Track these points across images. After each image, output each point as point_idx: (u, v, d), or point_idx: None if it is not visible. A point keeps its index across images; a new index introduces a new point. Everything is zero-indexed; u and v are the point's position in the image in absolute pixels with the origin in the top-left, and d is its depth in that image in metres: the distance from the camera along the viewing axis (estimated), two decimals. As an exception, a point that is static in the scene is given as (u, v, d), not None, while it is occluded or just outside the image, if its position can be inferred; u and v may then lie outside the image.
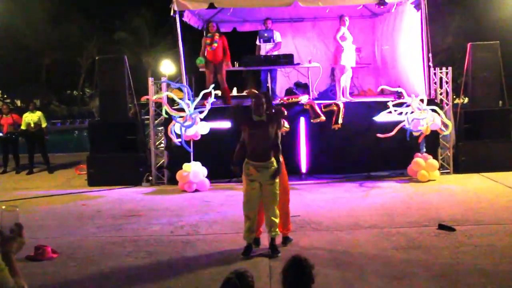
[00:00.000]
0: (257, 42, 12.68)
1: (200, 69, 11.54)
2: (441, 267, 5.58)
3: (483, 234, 6.66)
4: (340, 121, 10.62)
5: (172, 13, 10.79)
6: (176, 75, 12.14)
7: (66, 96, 49.36)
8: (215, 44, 10.98)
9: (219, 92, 11.59)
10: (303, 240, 6.77)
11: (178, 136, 10.10)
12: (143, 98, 10.74)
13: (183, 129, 9.89)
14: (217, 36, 11.06)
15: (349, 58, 11.24)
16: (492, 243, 6.35)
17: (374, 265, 5.73)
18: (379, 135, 10.19)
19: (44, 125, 13.17)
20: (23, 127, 13.00)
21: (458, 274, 5.41)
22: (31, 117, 13.01)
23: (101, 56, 11.97)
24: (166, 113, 10.35)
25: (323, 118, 10.61)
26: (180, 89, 10.51)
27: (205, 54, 11.11)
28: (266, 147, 6.04)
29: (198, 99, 10.24)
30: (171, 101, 10.78)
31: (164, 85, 10.83)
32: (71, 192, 10.49)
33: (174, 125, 10.08)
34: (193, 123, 9.92)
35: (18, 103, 42.72)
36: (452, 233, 6.69)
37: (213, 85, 11.01)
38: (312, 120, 10.62)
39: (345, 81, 11.30)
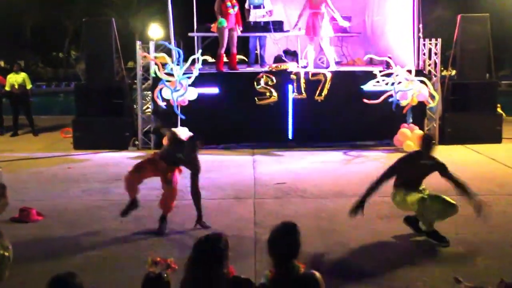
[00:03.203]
0: (246, 6, 12.48)
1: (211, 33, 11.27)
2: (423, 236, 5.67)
3: (465, 205, 6.75)
4: (324, 92, 10.61)
5: (161, -25, 10.60)
6: (164, 40, 11.98)
7: (51, 58, 48.62)
8: (236, 8, 10.78)
9: (208, 58, 11.49)
10: (288, 208, 6.83)
11: (164, 100, 10.07)
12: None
13: (174, 96, 9.84)
14: (234, 0, 10.84)
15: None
16: (473, 213, 6.45)
17: (357, 233, 5.81)
18: (365, 100, 10.25)
19: (28, 86, 13.02)
20: (7, 88, 12.83)
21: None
22: (15, 78, 12.83)
23: (88, 18, 11.77)
24: (155, 74, 10.25)
25: (303, 95, 10.63)
26: (168, 54, 10.40)
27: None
28: None
29: (187, 64, 10.15)
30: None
31: (151, 48, 10.70)
32: (56, 155, 10.43)
33: (161, 89, 10.01)
34: (185, 91, 9.88)
35: (2, 64, 42.06)
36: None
37: (200, 51, 10.92)
38: (293, 96, 10.63)
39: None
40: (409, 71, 10.19)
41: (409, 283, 4.58)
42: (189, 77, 10.05)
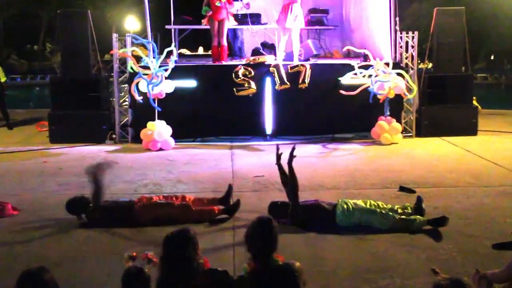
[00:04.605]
0: None
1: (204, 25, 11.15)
2: (399, 227, 5.71)
3: (442, 196, 6.85)
4: (306, 80, 10.62)
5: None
6: (141, 32, 11.89)
7: (26, 50, 47.78)
8: (224, 0, 10.66)
9: (185, 51, 11.42)
10: (267, 200, 6.80)
11: (141, 93, 10.00)
12: (112, 52, 10.51)
13: (150, 87, 9.76)
14: None
15: None
16: (450, 204, 6.54)
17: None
18: (342, 91, 10.30)
19: (3, 79, 12.80)
20: (-20, 80, 12.60)
21: (415, 233, 5.57)
22: (-12, 71, 12.60)
23: (63, 10, 11.58)
24: (131, 68, 10.18)
25: (287, 85, 10.60)
26: (144, 46, 10.32)
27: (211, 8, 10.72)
28: None
29: (162, 57, 10.06)
30: (136, 58, 10.58)
31: (128, 41, 10.60)
32: (31, 149, 10.28)
33: (138, 83, 9.93)
34: (161, 81, 9.80)
35: (-25, 56, 41.24)
36: (412, 195, 6.84)
37: (173, 43, 10.83)
38: (276, 87, 10.61)
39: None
40: (387, 64, 10.26)
41: (387, 274, 4.62)
42: (166, 70, 9.97)
